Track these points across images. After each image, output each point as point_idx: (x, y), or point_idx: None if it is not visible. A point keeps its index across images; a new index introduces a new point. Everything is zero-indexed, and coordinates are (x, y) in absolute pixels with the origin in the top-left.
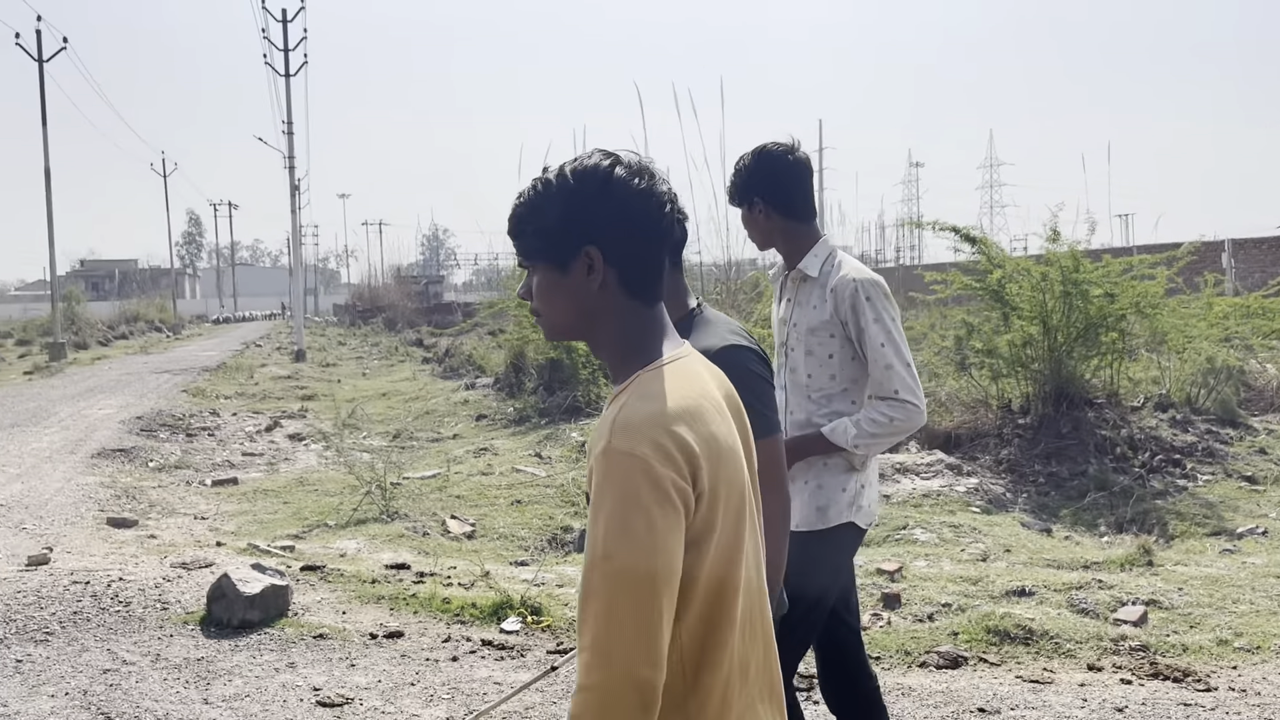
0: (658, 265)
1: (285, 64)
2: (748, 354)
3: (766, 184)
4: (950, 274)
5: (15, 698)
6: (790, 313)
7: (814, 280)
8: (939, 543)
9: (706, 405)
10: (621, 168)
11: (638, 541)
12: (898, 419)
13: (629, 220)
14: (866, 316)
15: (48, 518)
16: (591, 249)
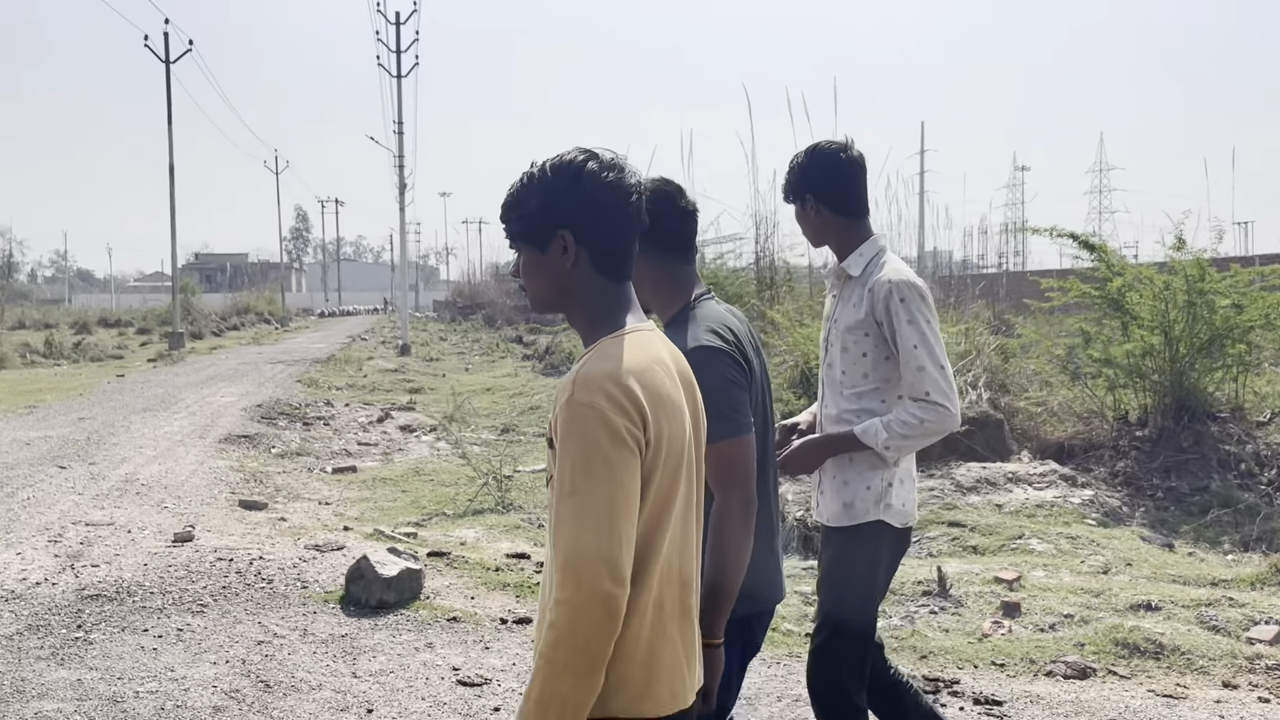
0: (624, 248)
1: (397, 65)
2: (716, 355)
3: (819, 181)
4: (1069, 281)
5: (181, 664)
6: (834, 309)
7: (856, 279)
8: (1057, 554)
9: (658, 368)
10: (593, 163)
11: (598, 478)
12: (929, 421)
13: (597, 208)
14: (900, 318)
15: (185, 498)
16: (565, 232)
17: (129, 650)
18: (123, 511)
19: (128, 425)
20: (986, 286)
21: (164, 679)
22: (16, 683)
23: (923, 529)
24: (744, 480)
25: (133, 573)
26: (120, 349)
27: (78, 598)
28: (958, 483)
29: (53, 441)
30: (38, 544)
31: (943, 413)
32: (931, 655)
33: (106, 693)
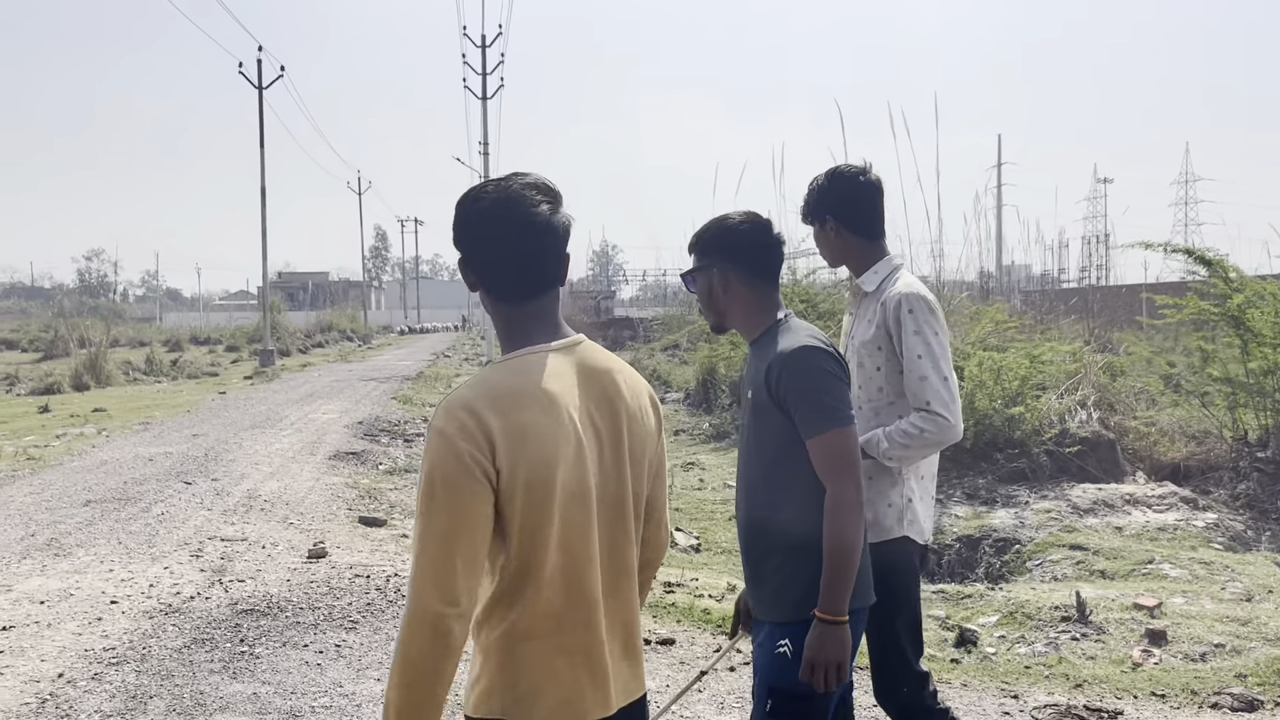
0: (514, 272)
1: (483, 88)
2: (818, 354)
3: (839, 203)
4: (1186, 298)
5: (347, 680)
6: (851, 327)
7: (871, 295)
8: (1192, 579)
9: (529, 396)
10: (477, 197)
11: (437, 502)
12: (928, 431)
13: (481, 240)
14: (907, 328)
15: (307, 514)
16: (462, 265)
17: (294, 665)
18: (253, 527)
19: (240, 442)
20: (1079, 302)
21: (334, 694)
22: (196, 695)
23: (1044, 552)
24: (853, 468)
25: (278, 588)
26: (214, 366)
27: (233, 612)
28: (1074, 504)
29: (173, 458)
30: (181, 559)
31: (943, 423)
32: (1086, 684)
33: (283, 706)
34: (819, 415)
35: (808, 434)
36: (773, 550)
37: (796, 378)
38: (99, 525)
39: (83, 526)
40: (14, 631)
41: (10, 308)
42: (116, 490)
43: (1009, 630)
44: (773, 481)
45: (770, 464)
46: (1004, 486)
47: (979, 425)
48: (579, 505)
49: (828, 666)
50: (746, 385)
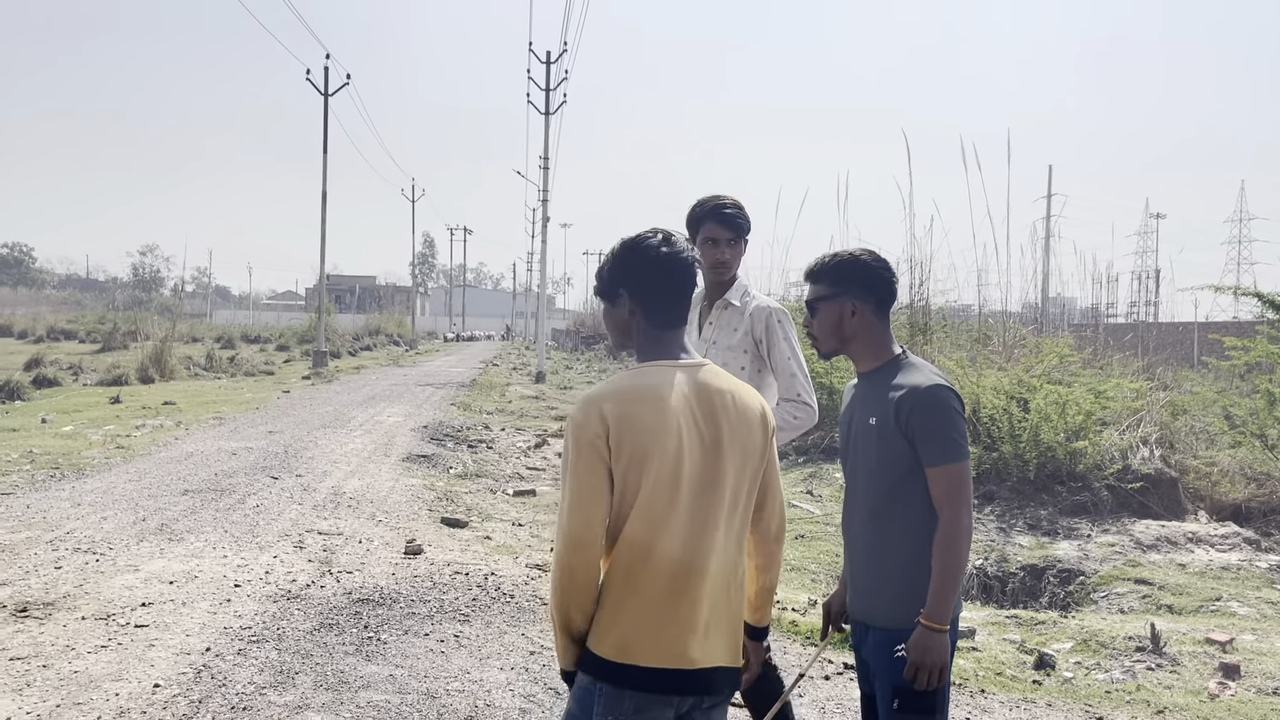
0: (666, 305)
1: (546, 103)
2: (948, 393)
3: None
4: (1255, 341)
5: (473, 668)
6: (713, 334)
7: (736, 308)
8: (1261, 619)
9: (643, 394)
10: (652, 244)
11: (571, 473)
12: (800, 417)
13: (650, 277)
14: (777, 335)
15: (392, 512)
16: (623, 291)
17: (421, 652)
18: (345, 523)
19: (314, 440)
20: (1134, 338)
21: (464, 680)
22: (337, 673)
23: (1109, 584)
24: (969, 495)
25: (386, 581)
26: (269, 365)
27: (350, 601)
28: (1137, 540)
29: (255, 453)
30: (286, 549)
31: (810, 411)
32: (1167, 711)
33: (420, 688)
34: (947, 448)
35: (933, 463)
36: (891, 564)
37: (930, 413)
38: (202, 514)
39: (187, 514)
40: (154, 608)
41: (66, 299)
42: (209, 481)
43: (1084, 657)
44: (895, 501)
45: (893, 486)
46: (1065, 519)
47: (1042, 457)
48: (666, 488)
49: (932, 669)
50: (864, 413)
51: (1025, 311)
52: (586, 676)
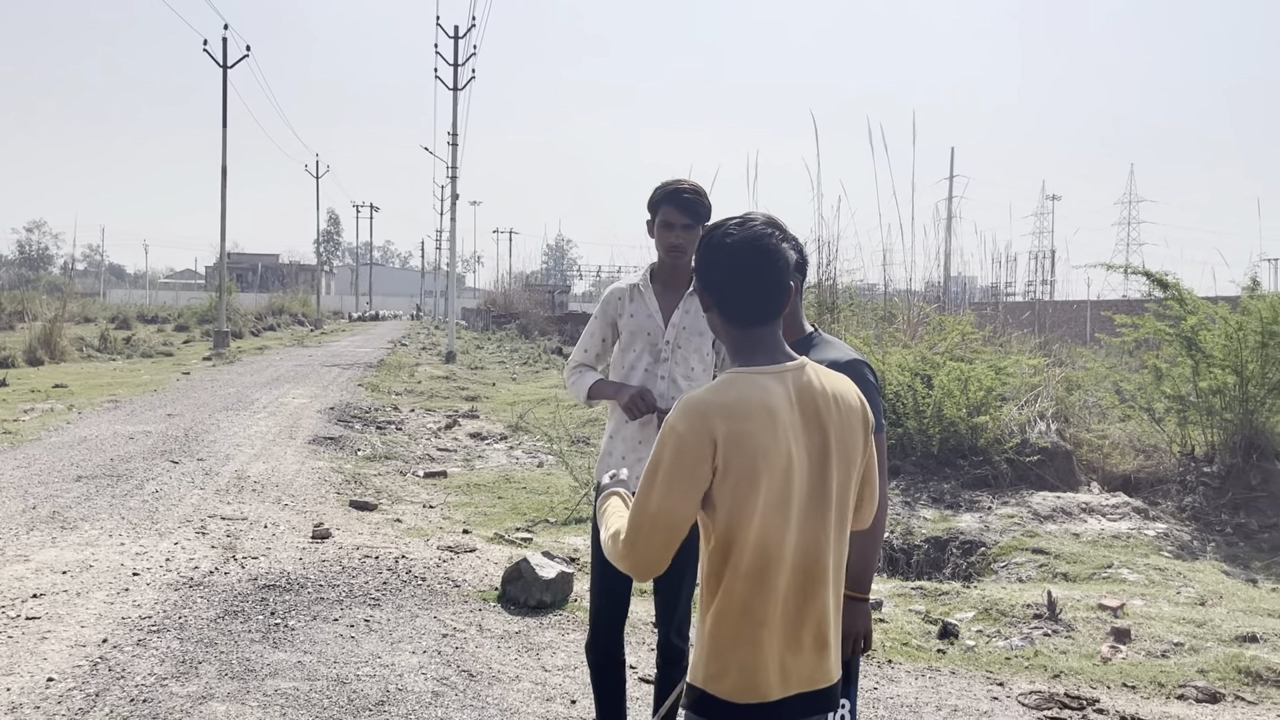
0: (745, 301)
1: (454, 78)
2: (866, 367)
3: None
4: (1143, 318)
5: (384, 652)
6: (683, 320)
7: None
8: (1149, 584)
9: (751, 409)
10: (726, 233)
11: (651, 482)
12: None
13: (723, 271)
14: None
15: (298, 496)
16: (702, 292)
17: (330, 637)
18: (249, 507)
19: (216, 424)
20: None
21: (375, 665)
22: (243, 661)
23: (1008, 555)
24: (884, 470)
25: (292, 566)
26: (167, 345)
27: (256, 587)
28: (1035, 511)
29: (154, 437)
30: (188, 535)
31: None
32: (1064, 675)
33: (330, 674)
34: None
35: None
36: None
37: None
38: (97, 500)
39: (81, 501)
40: (46, 599)
41: None
42: (105, 467)
43: (985, 625)
44: None
45: None
46: (968, 492)
47: (945, 432)
48: (778, 510)
49: (857, 637)
50: None
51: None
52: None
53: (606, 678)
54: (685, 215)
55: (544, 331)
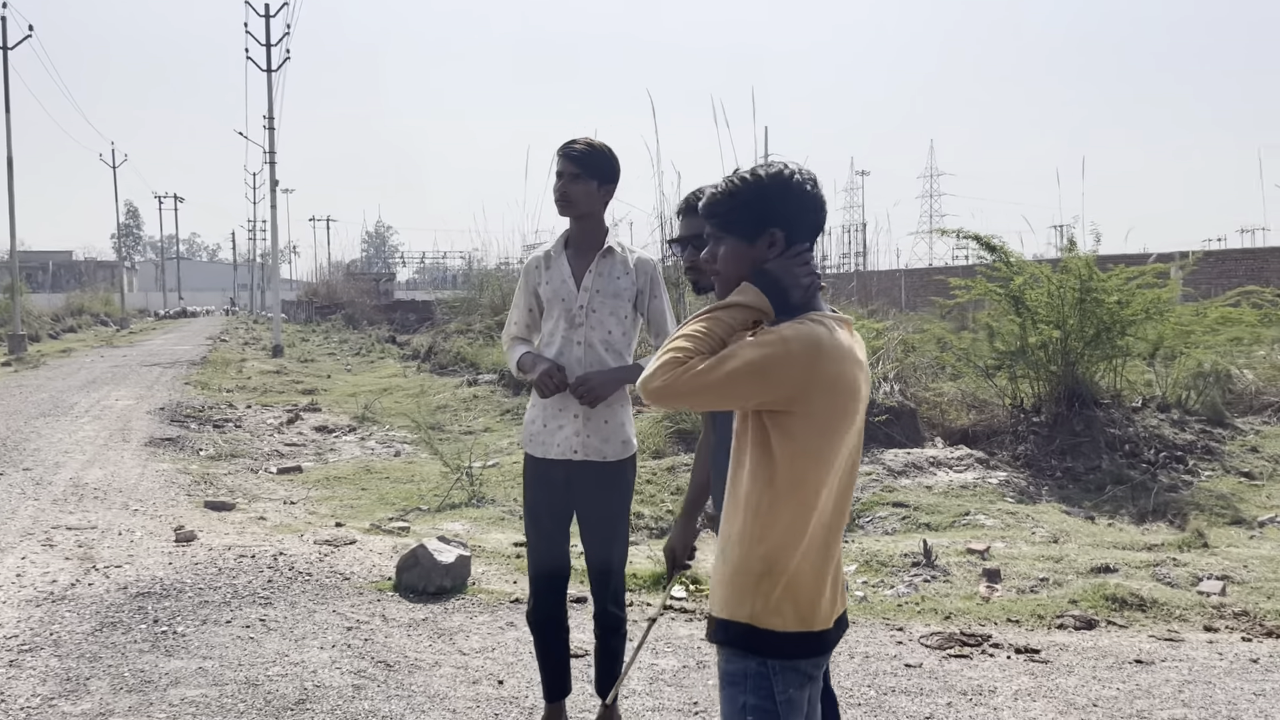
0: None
1: (267, 59)
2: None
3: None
4: (975, 280)
5: (290, 650)
6: (595, 283)
7: (618, 256)
8: (1005, 527)
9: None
10: (801, 177)
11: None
12: None
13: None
14: (660, 287)
15: (148, 500)
16: (776, 230)
17: (228, 640)
18: (96, 515)
19: (36, 431)
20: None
21: (284, 664)
22: (137, 673)
23: (871, 509)
24: None
25: (163, 571)
26: None
27: (128, 596)
28: (889, 467)
29: None
30: (33, 548)
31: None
32: (954, 616)
33: (238, 678)
34: None
35: None
36: None
37: None
38: None
39: None
40: None
41: None
42: None
43: (869, 576)
44: None
45: None
46: None
47: None
48: (850, 452)
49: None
50: None
51: None
52: (752, 661)
53: (552, 643)
54: (572, 165)
55: (373, 321)
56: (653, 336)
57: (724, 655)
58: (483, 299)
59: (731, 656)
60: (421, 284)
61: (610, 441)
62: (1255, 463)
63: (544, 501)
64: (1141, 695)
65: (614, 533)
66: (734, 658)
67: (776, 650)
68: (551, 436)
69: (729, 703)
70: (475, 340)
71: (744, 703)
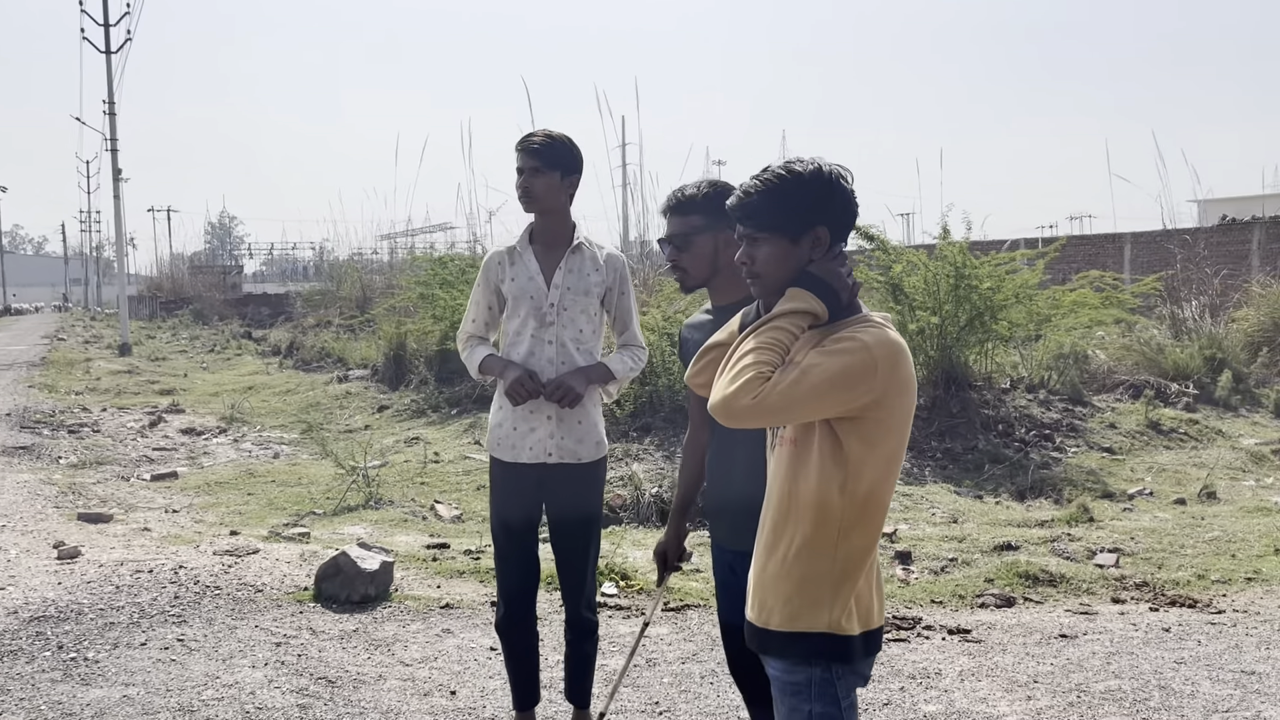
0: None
1: (106, 40)
2: None
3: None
4: (855, 268)
5: (220, 671)
6: (566, 280)
7: (587, 253)
8: (904, 509)
9: (908, 355)
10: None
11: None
12: (641, 361)
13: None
14: (628, 284)
15: (12, 514)
16: (823, 229)
17: (148, 664)
18: None
19: None
20: None
21: (217, 686)
22: (54, 705)
23: None
24: None
25: (54, 592)
26: None
27: (20, 621)
28: None
29: None
30: None
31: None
32: None
33: (170, 704)
34: None
35: None
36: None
37: None
38: None
39: None
40: None
41: None
42: None
43: None
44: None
45: None
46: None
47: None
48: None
49: None
50: None
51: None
52: (816, 669)
53: (524, 651)
54: (533, 159)
55: (223, 316)
56: (617, 334)
57: (783, 665)
58: (342, 291)
59: (793, 666)
60: (270, 276)
61: (584, 442)
62: (1115, 438)
63: (515, 507)
64: (1075, 669)
65: (589, 536)
66: (796, 667)
67: (849, 655)
68: (523, 440)
69: (793, 712)
70: (341, 334)
71: (810, 710)
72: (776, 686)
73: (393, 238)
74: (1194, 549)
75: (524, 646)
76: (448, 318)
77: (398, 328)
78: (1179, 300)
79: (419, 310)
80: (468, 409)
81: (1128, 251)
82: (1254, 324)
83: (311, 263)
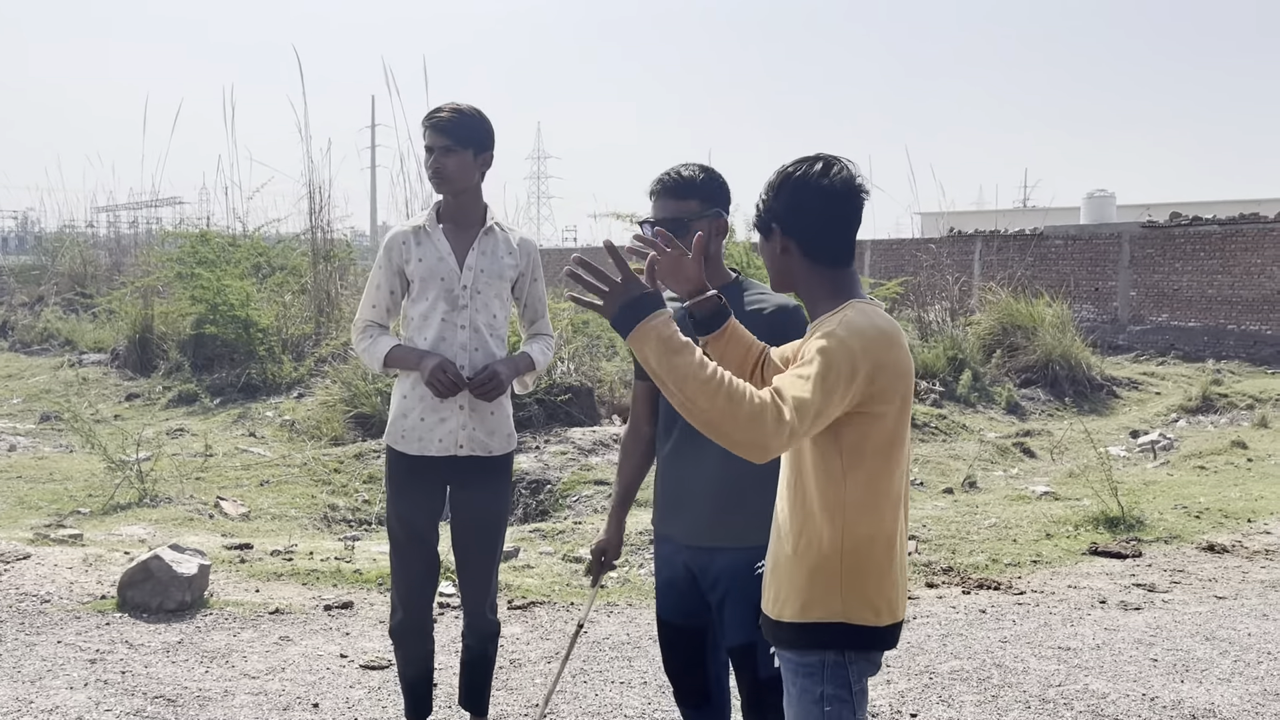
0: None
1: None
2: (802, 312)
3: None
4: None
5: (31, 695)
6: (479, 261)
7: (499, 235)
8: None
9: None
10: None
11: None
12: (551, 350)
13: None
14: (540, 269)
15: None
16: (774, 226)
17: None
18: None
19: None
20: None
21: (34, 712)
22: None
23: (574, 489)
24: None
25: None
26: None
27: None
28: (578, 445)
29: None
30: None
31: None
32: None
33: None
34: None
35: None
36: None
37: (798, 328)
38: None
39: None
40: None
41: None
42: None
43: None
44: None
45: None
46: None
47: None
48: (908, 434)
49: None
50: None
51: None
52: (830, 652)
53: (420, 658)
54: (443, 137)
55: None
56: (527, 324)
57: (796, 651)
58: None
59: (806, 650)
60: None
61: (496, 435)
62: None
63: (420, 503)
64: (918, 652)
65: (497, 533)
66: (810, 651)
67: (863, 643)
68: (431, 431)
69: (804, 693)
70: (68, 315)
71: (821, 692)
72: (788, 670)
73: (112, 210)
74: (979, 535)
75: (421, 653)
76: (208, 299)
77: (144, 308)
78: (924, 304)
79: (172, 290)
80: (233, 398)
81: (868, 257)
82: (986, 328)
83: (13, 233)
